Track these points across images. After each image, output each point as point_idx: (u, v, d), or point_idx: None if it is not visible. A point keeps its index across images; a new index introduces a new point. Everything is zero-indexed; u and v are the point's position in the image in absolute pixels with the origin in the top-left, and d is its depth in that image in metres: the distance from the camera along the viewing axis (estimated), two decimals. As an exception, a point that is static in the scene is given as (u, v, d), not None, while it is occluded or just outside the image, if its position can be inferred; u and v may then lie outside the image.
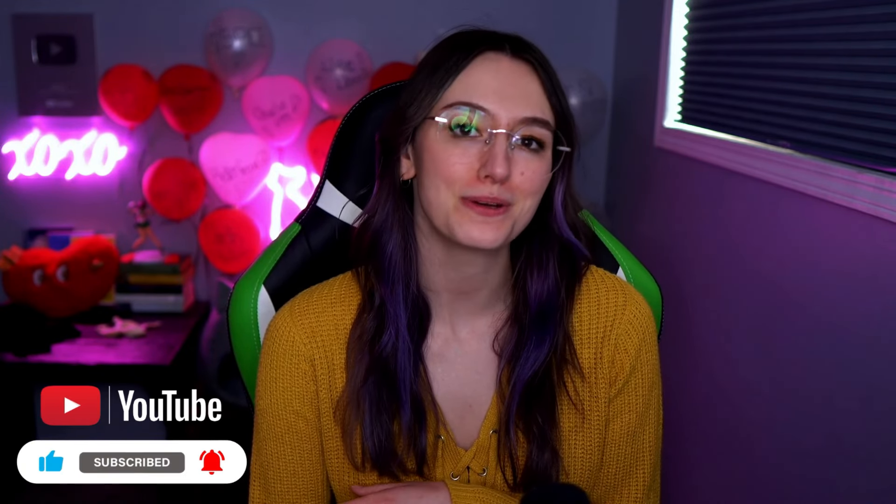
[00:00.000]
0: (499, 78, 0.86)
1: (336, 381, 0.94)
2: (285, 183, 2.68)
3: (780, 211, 1.62)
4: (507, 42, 0.88)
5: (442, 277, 0.92)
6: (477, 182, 0.84)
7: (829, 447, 1.44)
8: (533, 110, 0.86)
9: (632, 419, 0.96)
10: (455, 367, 0.95)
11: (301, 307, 0.96)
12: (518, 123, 0.85)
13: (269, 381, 0.95)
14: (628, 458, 0.97)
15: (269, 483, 0.97)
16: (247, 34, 2.51)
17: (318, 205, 1.08)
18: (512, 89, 0.85)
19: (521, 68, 0.87)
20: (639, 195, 2.49)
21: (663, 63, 2.23)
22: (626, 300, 0.95)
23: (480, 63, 0.86)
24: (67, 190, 2.71)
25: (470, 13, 2.61)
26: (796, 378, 1.56)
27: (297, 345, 0.94)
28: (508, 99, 0.85)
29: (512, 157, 0.84)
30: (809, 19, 1.55)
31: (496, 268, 0.93)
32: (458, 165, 0.84)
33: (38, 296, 2.53)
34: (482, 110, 0.84)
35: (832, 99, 1.47)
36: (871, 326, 1.33)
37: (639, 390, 0.96)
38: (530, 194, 0.87)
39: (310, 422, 0.95)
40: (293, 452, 0.95)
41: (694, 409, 1.99)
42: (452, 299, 0.94)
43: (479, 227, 0.84)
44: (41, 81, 2.64)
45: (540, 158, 0.87)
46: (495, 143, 0.83)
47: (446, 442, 0.94)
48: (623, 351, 0.95)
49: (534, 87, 0.87)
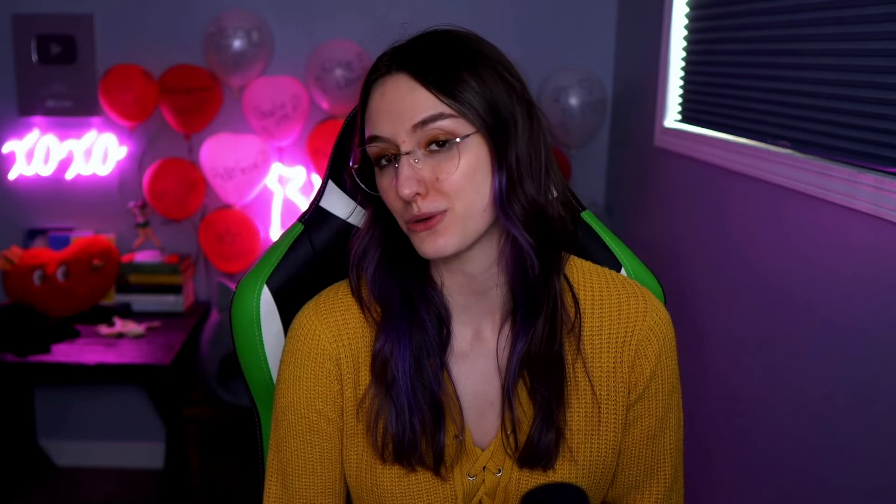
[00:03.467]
0: (384, 100, 0.86)
1: (361, 378, 0.95)
2: (285, 183, 2.68)
3: (780, 211, 1.63)
4: (384, 60, 0.88)
5: (449, 280, 0.94)
6: (406, 205, 0.86)
7: (829, 445, 1.45)
8: (420, 113, 0.84)
9: (652, 423, 0.97)
10: (478, 365, 0.95)
11: (327, 305, 0.96)
12: (412, 133, 0.84)
13: (293, 379, 0.95)
14: (648, 460, 0.98)
15: (287, 479, 0.97)
16: (247, 34, 2.51)
17: (321, 204, 1.08)
18: (396, 106, 0.85)
19: (400, 80, 0.85)
20: (639, 195, 2.49)
21: (663, 63, 2.23)
22: (647, 307, 0.96)
23: (373, 93, 0.88)
24: (67, 190, 2.71)
25: (470, 13, 2.62)
26: (796, 377, 1.56)
27: (323, 343, 0.94)
28: (396, 117, 0.84)
29: (421, 169, 0.84)
30: (809, 19, 1.56)
31: (491, 267, 0.92)
32: (389, 195, 0.87)
33: (38, 296, 2.53)
34: (379, 139, 0.86)
35: (832, 99, 1.48)
36: (871, 326, 1.33)
37: (659, 395, 0.97)
38: (458, 192, 0.84)
39: (332, 421, 0.95)
40: (313, 451, 0.96)
41: (692, 406, 2.00)
42: (467, 301, 0.94)
43: (428, 240, 0.86)
44: (41, 81, 2.64)
45: (450, 156, 0.84)
46: (400, 166, 0.84)
47: (465, 441, 0.94)
48: (644, 357, 0.95)
49: (418, 92, 0.84)
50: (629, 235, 2.52)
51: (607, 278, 0.98)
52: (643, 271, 1.08)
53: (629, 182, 2.60)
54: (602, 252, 1.07)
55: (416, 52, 0.87)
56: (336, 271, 1.01)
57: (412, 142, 0.84)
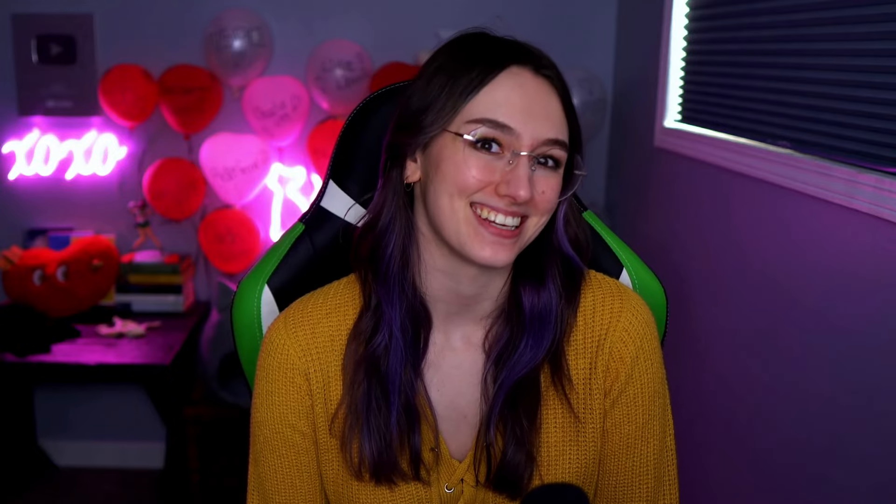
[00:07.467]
0: (524, 97, 0.84)
1: (331, 394, 0.93)
2: (285, 183, 2.68)
3: (780, 211, 1.63)
4: (530, 58, 0.87)
5: (440, 286, 0.91)
6: (494, 195, 0.84)
7: (829, 444, 1.45)
8: (555, 132, 0.85)
9: (631, 431, 0.93)
10: (451, 377, 0.94)
11: (296, 318, 0.94)
12: (540, 144, 0.84)
13: (265, 394, 0.94)
14: (628, 472, 0.94)
15: (267, 494, 0.96)
16: (247, 34, 2.51)
17: (322, 205, 1.08)
18: (537, 108, 0.84)
19: (544, 87, 0.86)
20: (639, 195, 2.50)
21: (663, 63, 2.23)
22: (622, 306, 0.93)
23: (506, 79, 0.85)
24: (67, 190, 2.71)
25: (470, 13, 2.64)
26: (796, 376, 1.56)
27: (292, 358, 0.93)
28: (533, 119, 0.84)
29: (532, 176, 0.84)
30: (809, 19, 1.56)
31: (497, 281, 0.92)
32: (475, 179, 0.83)
33: (38, 296, 2.53)
34: (508, 129, 0.83)
35: (832, 99, 1.48)
36: (871, 326, 1.33)
37: (637, 401, 0.93)
38: (546, 211, 0.87)
39: (306, 435, 0.94)
40: (290, 466, 0.95)
41: (694, 407, 2.00)
42: (449, 308, 0.93)
43: (493, 247, 0.84)
44: (41, 81, 2.64)
45: (557, 177, 0.87)
46: (518, 164, 0.83)
47: (441, 452, 0.92)
48: (618, 359, 0.92)
49: (555, 107, 0.86)
50: (629, 235, 2.52)
51: (585, 279, 0.95)
52: (645, 272, 1.08)
53: (629, 182, 2.60)
54: (604, 253, 1.07)
55: (556, 69, 0.88)
56: (336, 271, 1.01)
57: (536, 148, 0.84)
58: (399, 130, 0.90)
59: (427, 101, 0.86)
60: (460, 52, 0.88)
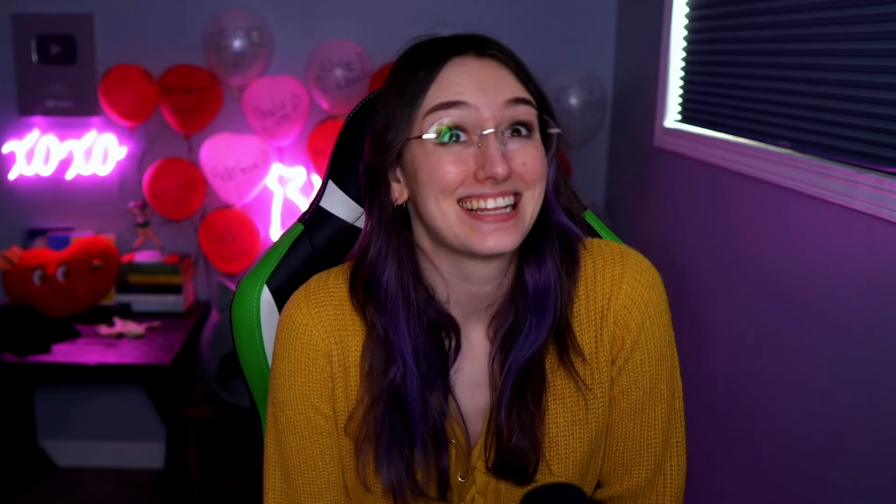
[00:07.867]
0: (471, 76, 0.84)
1: (350, 382, 0.92)
2: (285, 183, 2.68)
3: (780, 211, 1.63)
4: (471, 44, 0.86)
5: (453, 294, 0.90)
6: (476, 183, 0.82)
7: (830, 444, 1.45)
8: (512, 92, 0.84)
9: (639, 396, 0.92)
10: (469, 373, 0.93)
11: (318, 296, 0.92)
12: (501, 109, 0.83)
13: (287, 374, 0.92)
14: (636, 437, 0.93)
15: (290, 474, 0.95)
16: (247, 34, 2.51)
17: (322, 205, 1.08)
18: (487, 81, 0.84)
19: (489, 64, 0.86)
20: (639, 195, 2.50)
21: (663, 63, 2.23)
22: (623, 271, 0.91)
23: (449, 69, 0.85)
24: (67, 190, 2.71)
25: (470, 12, 2.63)
26: (796, 376, 1.56)
27: (315, 339, 0.91)
28: (485, 90, 0.83)
29: (507, 151, 0.83)
30: (809, 19, 1.56)
31: (509, 274, 0.91)
32: (452, 174, 0.82)
33: (38, 296, 2.53)
34: (462, 105, 0.82)
35: (832, 99, 1.48)
36: (871, 325, 1.33)
37: (644, 366, 0.92)
38: (536, 181, 0.85)
39: (329, 417, 0.93)
40: (313, 447, 0.93)
41: (694, 406, 2.00)
42: (466, 309, 0.92)
43: (494, 235, 0.82)
44: (41, 81, 2.64)
45: (534, 143, 0.85)
46: (487, 143, 0.81)
47: (461, 446, 0.92)
48: (623, 327, 0.91)
49: (506, 75, 0.86)
50: (629, 235, 2.52)
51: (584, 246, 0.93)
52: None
53: (629, 182, 2.60)
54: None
55: (500, 46, 0.88)
56: (336, 271, 1.01)
57: (500, 119, 0.83)
58: (369, 153, 0.90)
59: (387, 117, 0.87)
60: (406, 63, 0.88)
